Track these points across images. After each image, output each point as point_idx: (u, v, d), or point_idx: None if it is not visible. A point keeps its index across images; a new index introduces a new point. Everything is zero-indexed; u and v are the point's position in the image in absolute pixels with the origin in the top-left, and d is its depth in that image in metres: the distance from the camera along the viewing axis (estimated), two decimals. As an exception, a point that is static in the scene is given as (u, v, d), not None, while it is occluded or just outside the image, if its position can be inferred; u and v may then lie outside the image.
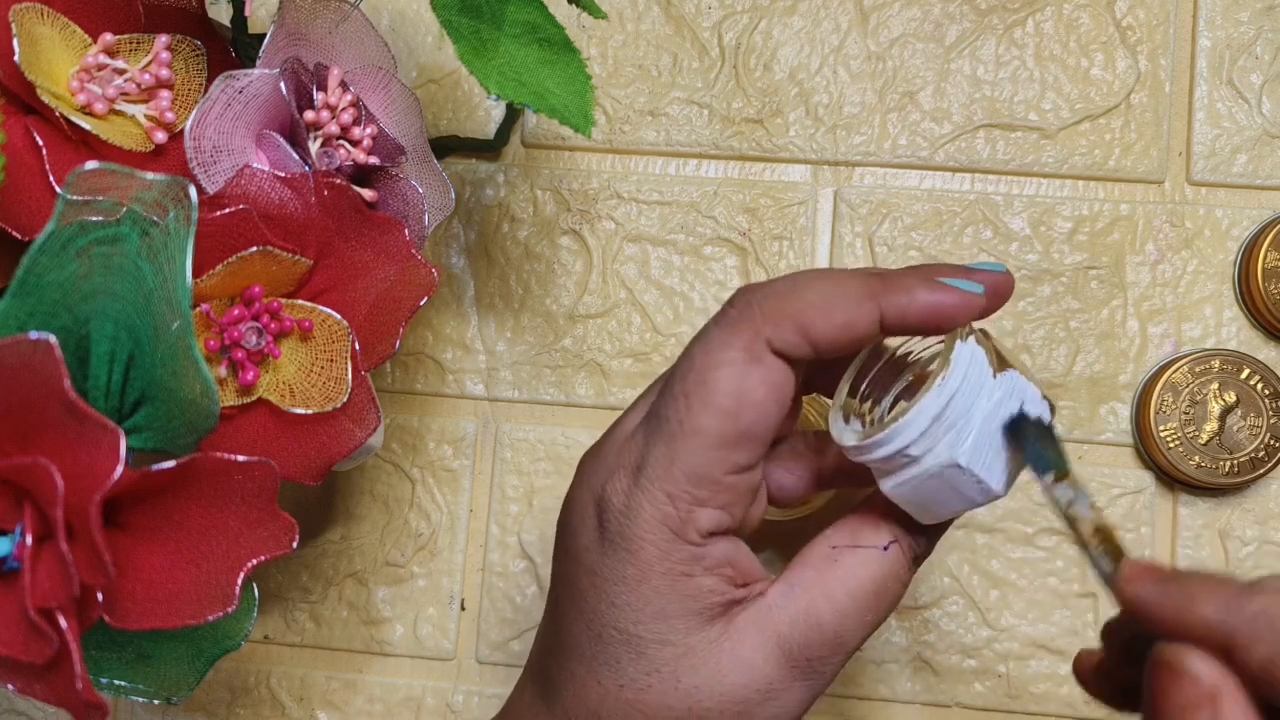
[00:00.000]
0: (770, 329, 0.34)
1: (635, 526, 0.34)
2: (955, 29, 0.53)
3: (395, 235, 0.39)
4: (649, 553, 0.34)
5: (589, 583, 0.35)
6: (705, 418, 0.33)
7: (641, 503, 0.34)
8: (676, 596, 0.34)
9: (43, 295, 0.32)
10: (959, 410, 0.33)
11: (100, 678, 0.35)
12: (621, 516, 0.34)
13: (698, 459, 0.34)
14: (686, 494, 0.34)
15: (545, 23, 0.40)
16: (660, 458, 0.34)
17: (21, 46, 0.36)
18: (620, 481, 0.35)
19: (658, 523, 0.34)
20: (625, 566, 0.34)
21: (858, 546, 0.35)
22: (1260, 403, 0.50)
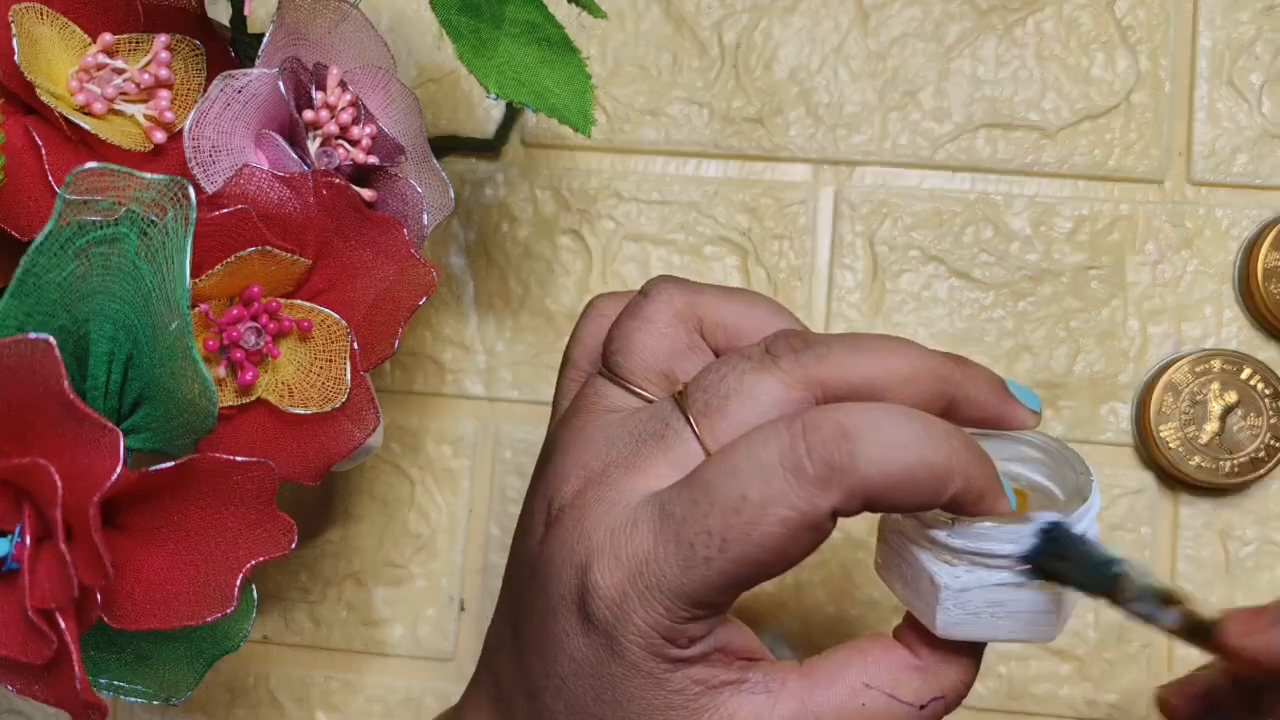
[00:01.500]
0: (842, 502, 0.30)
1: (624, 627, 0.31)
2: (956, 28, 0.53)
3: (394, 235, 0.39)
4: (634, 654, 0.31)
5: (567, 662, 0.33)
6: (736, 567, 0.30)
7: (635, 605, 0.31)
8: (663, 692, 0.31)
9: (41, 295, 0.32)
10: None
11: (99, 678, 0.35)
12: (611, 612, 0.31)
13: (711, 594, 0.31)
14: (686, 611, 0.31)
15: (545, 22, 0.40)
16: (670, 575, 0.31)
17: (21, 46, 0.36)
18: (613, 573, 0.31)
19: (649, 628, 0.31)
20: (608, 663, 0.32)
21: (894, 698, 0.32)
22: (1261, 403, 0.50)
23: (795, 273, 0.52)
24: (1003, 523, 0.32)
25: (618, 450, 0.33)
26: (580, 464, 0.33)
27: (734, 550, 0.30)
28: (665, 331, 0.35)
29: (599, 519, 0.32)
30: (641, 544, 0.31)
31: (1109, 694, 0.50)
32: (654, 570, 0.30)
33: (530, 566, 0.34)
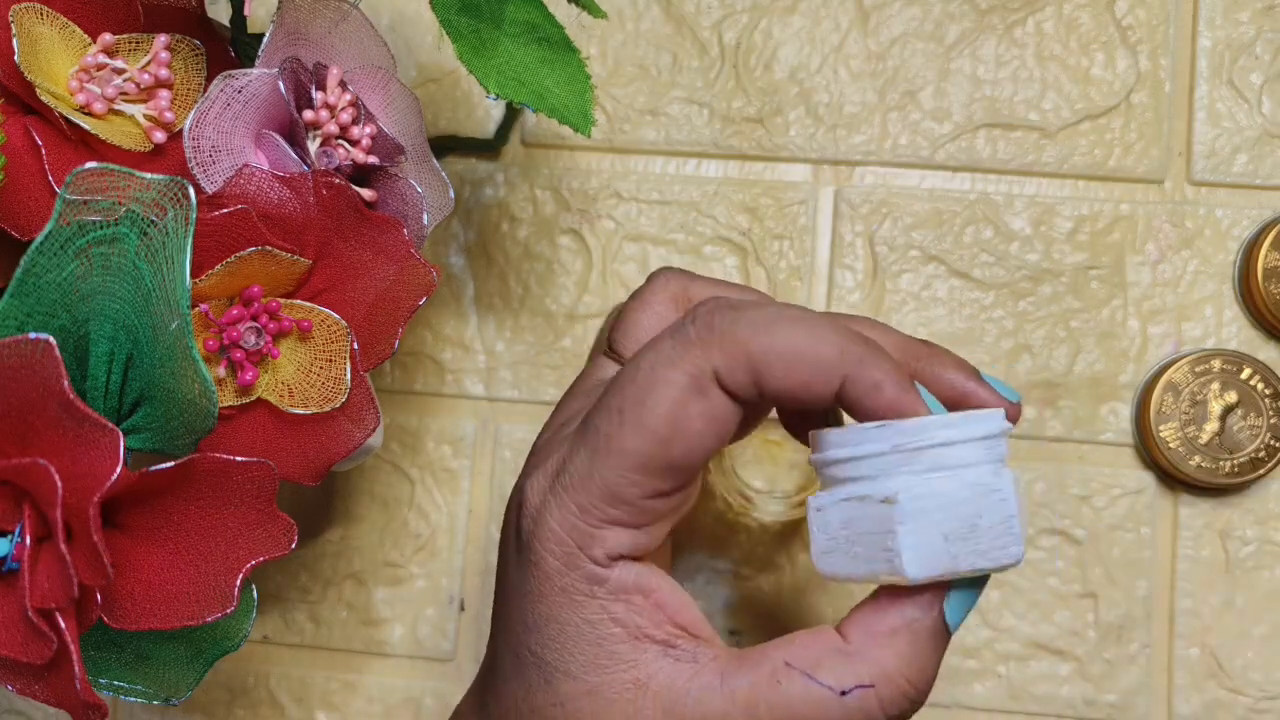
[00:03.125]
0: (723, 362, 0.31)
1: (540, 532, 0.32)
2: (956, 28, 0.53)
3: (394, 235, 0.39)
4: (549, 564, 0.32)
5: (504, 591, 0.33)
6: (634, 439, 0.31)
7: (551, 508, 0.32)
8: (576, 620, 0.32)
9: (41, 295, 0.32)
10: (950, 460, 0.30)
11: (99, 678, 0.35)
12: (531, 520, 0.32)
13: (617, 479, 0.31)
14: (598, 510, 0.31)
15: (545, 22, 0.40)
16: (580, 467, 0.32)
17: (21, 46, 0.36)
18: (539, 481, 0.33)
19: (563, 533, 0.32)
20: (528, 578, 0.32)
21: (812, 679, 0.31)
22: (1261, 403, 0.50)
23: (795, 273, 0.52)
24: (857, 428, 0.31)
25: (579, 404, 0.35)
26: (554, 424, 0.36)
27: (630, 419, 0.31)
28: (658, 310, 0.36)
29: (544, 453, 0.34)
30: (562, 450, 0.32)
31: (1109, 694, 0.50)
32: (569, 468, 0.32)
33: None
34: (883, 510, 0.30)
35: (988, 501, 0.29)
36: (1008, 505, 0.30)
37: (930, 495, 0.29)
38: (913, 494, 0.29)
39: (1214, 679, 0.50)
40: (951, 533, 0.29)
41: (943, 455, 0.30)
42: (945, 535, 0.29)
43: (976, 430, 0.30)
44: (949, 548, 0.29)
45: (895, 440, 0.30)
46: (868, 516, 0.30)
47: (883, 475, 0.30)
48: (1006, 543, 0.30)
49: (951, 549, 0.29)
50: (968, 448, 0.30)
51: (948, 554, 0.29)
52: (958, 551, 0.29)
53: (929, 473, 0.30)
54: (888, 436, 0.30)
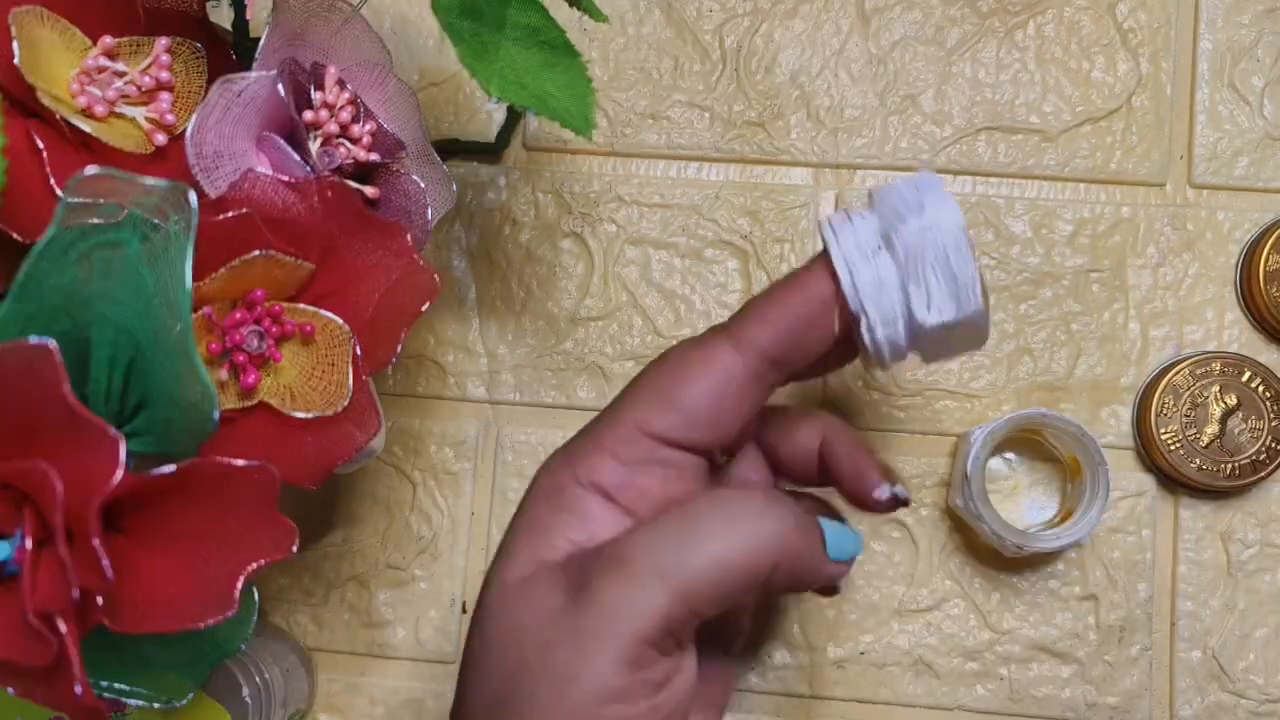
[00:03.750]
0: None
1: (540, 471, 0.37)
2: (956, 32, 0.53)
3: (398, 240, 0.39)
4: (538, 480, 0.36)
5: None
6: (646, 376, 0.36)
7: (557, 452, 0.37)
8: (537, 529, 0.35)
9: (43, 299, 0.32)
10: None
11: (100, 681, 0.35)
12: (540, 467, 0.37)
13: (621, 404, 0.36)
14: (594, 434, 0.36)
15: (546, 26, 0.40)
16: (591, 423, 0.36)
17: (22, 49, 0.36)
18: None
19: (560, 452, 0.36)
20: (519, 509, 0.36)
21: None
22: (1261, 405, 0.50)
23: (796, 276, 0.52)
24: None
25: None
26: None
27: (651, 368, 0.38)
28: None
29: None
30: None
31: (1110, 696, 0.50)
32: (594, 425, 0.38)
33: None
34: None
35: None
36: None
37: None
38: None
39: (1215, 682, 0.50)
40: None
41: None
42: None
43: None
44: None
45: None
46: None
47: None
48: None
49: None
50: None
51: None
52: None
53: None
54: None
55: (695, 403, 0.35)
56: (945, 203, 0.34)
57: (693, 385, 0.35)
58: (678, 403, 0.35)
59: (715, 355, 0.35)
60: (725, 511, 0.33)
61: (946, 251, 0.34)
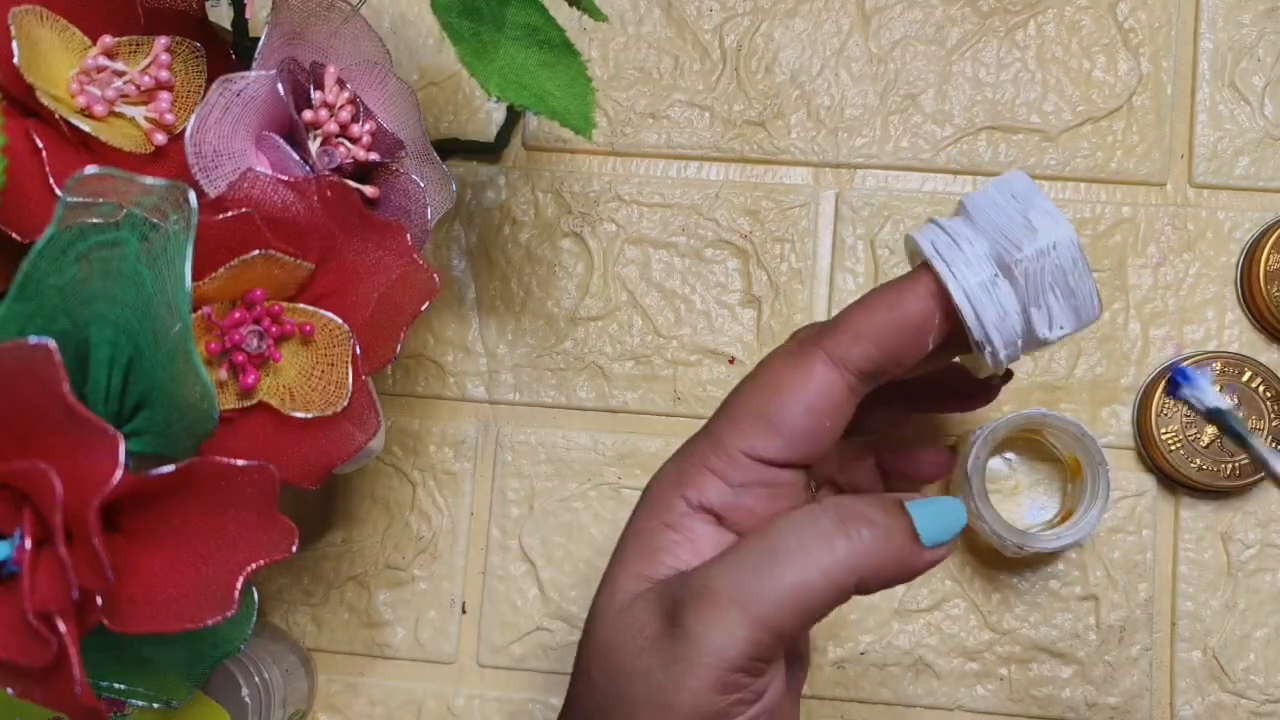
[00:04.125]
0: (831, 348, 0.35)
1: (651, 483, 0.37)
2: (957, 31, 0.53)
3: (397, 240, 0.39)
4: (650, 498, 0.36)
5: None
6: (742, 396, 0.36)
7: (666, 464, 0.37)
8: (646, 549, 0.36)
9: (42, 299, 0.32)
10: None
11: (99, 681, 0.35)
12: (652, 477, 0.37)
13: (721, 426, 0.36)
14: (699, 455, 0.35)
15: (546, 25, 0.40)
16: (697, 434, 0.36)
17: (21, 49, 0.36)
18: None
19: (668, 475, 0.36)
20: (633, 516, 0.37)
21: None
22: (1262, 405, 0.50)
23: (796, 275, 0.52)
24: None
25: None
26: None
27: (747, 384, 0.37)
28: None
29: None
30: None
31: (1110, 696, 0.50)
32: (690, 440, 0.38)
33: None
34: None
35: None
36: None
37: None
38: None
39: (1216, 682, 0.50)
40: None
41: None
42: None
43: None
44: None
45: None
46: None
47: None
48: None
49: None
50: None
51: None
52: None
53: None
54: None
55: (795, 423, 0.35)
56: (1056, 221, 0.34)
57: (792, 406, 0.35)
58: (779, 425, 0.35)
59: (812, 373, 0.35)
60: (798, 539, 0.34)
61: (1065, 271, 0.34)
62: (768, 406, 0.35)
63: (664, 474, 0.37)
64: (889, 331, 0.35)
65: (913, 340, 0.35)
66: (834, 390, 0.35)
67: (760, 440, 0.35)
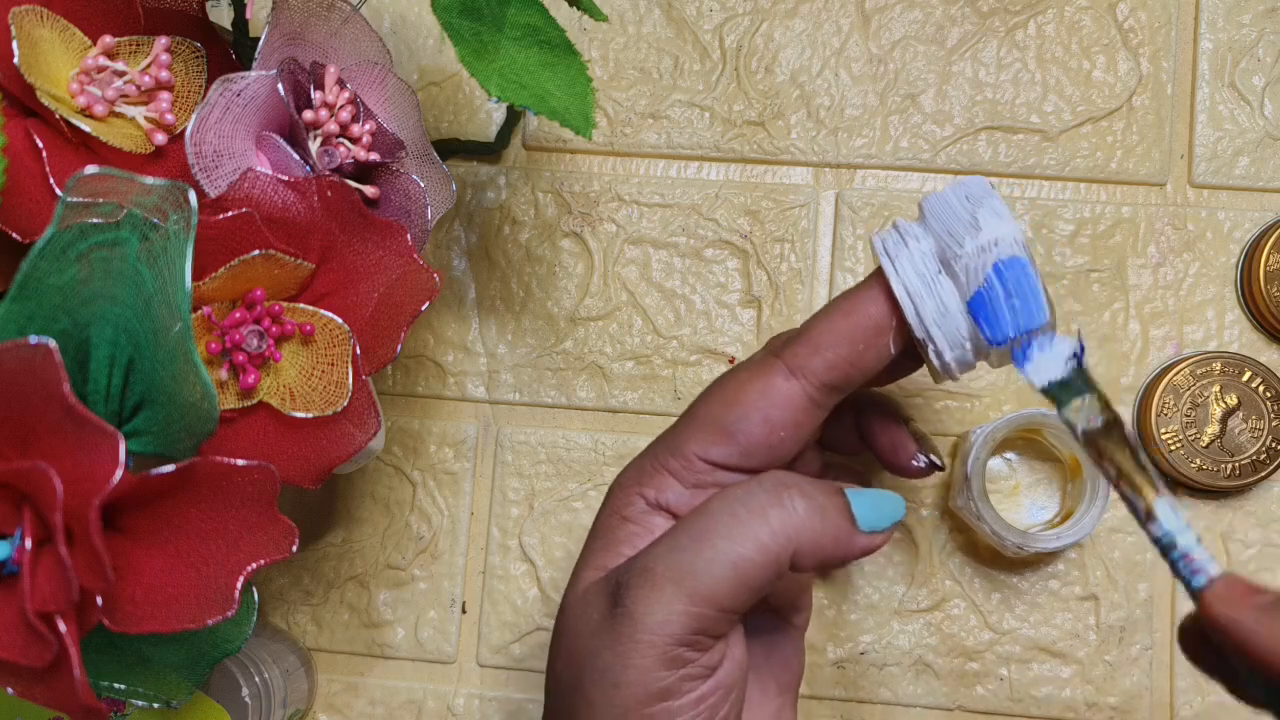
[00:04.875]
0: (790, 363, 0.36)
1: (615, 482, 0.38)
2: (957, 31, 0.53)
3: (398, 240, 0.39)
4: (612, 497, 0.38)
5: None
6: (707, 402, 0.37)
7: (630, 464, 0.38)
8: (607, 543, 0.37)
9: (43, 299, 0.32)
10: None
11: (100, 681, 0.35)
12: (615, 478, 0.39)
13: (680, 430, 0.37)
14: (659, 457, 0.37)
15: (546, 25, 0.40)
16: (661, 435, 0.38)
17: (21, 49, 0.36)
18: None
19: (629, 474, 0.38)
20: (597, 517, 0.38)
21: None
22: (1262, 405, 0.50)
23: (796, 275, 0.52)
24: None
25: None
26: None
27: (711, 389, 0.39)
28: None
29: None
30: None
31: (1110, 696, 0.50)
32: (654, 441, 0.39)
33: None
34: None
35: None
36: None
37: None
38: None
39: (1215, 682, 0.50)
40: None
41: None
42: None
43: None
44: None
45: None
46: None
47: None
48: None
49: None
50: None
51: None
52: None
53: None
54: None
55: (751, 431, 0.36)
56: (1001, 217, 0.34)
57: (749, 416, 0.36)
58: (734, 434, 0.36)
59: (771, 384, 0.36)
60: (731, 511, 0.34)
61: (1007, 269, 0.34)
62: (725, 415, 0.36)
63: (625, 473, 0.38)
64: (847, 337, 0.35)
65: (872, 345, 0.35)
66: (793, 402, 0.36)
67: (716, 447, 0.36)
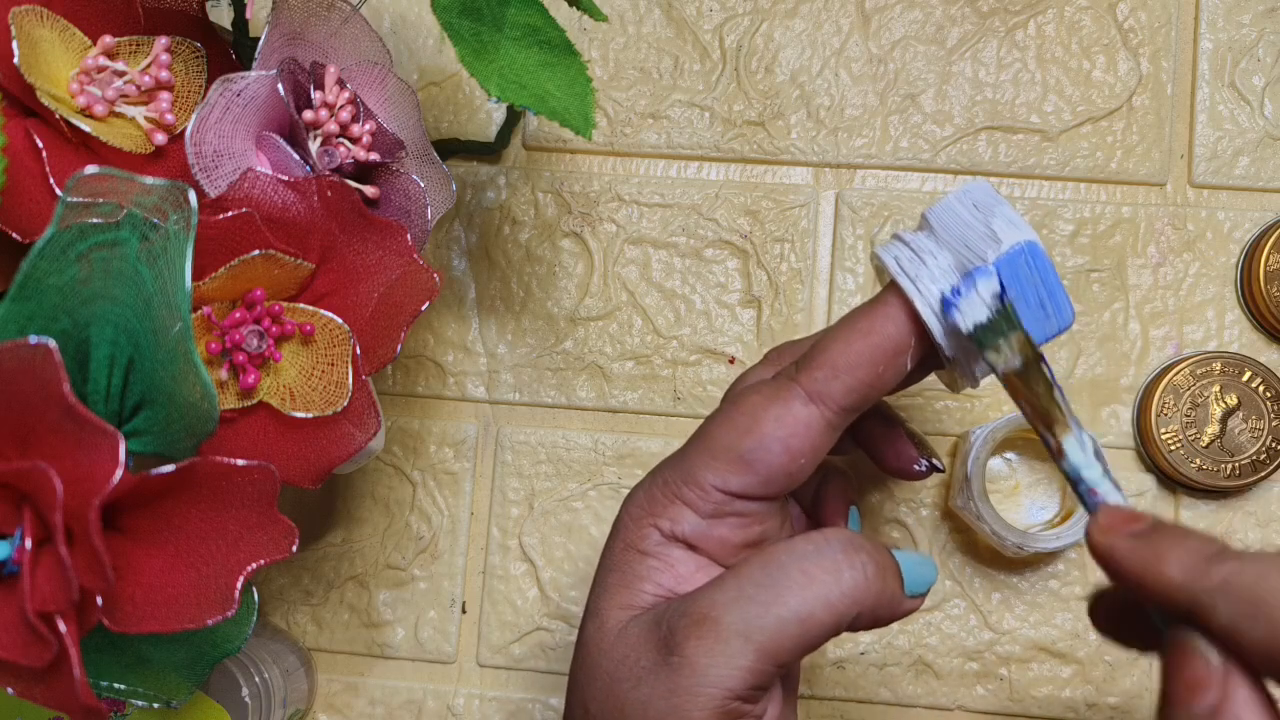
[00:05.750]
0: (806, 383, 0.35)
1: (626, 504, 0.37)
2: (957, 31, 0.53)
3: (398, 240, 0.39)
4: (624, 528, 0.36)
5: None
6: (719, 428, 0.35)
7: (640, 486, 0.37)
8: (627, 579, 0.36)
9: (43, 299, 0.32)
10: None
11: (99, 681, 0.35)
12: (626, 498, 0.37)
13: (695, 458, 0.35)
14: (673, 485, 0.36)
15: (546, 25, 0.40)
16: (673, 457, 0.36)
17: (21, 49, 0.36)
18: (646, 477, 0.37)
19: (642, 499, 0.36)
20: (609, 543, 0.37)
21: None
22: (1262, 405, 0.50)
23: (796, 275, 0.52)
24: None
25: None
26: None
27: (722, 414, 0.37)
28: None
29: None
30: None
31: (1110, 696, 0.50)
32: (666, 461, 0.38)
33: None
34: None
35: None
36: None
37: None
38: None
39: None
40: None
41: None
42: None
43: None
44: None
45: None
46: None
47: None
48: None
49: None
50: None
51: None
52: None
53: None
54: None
55: (772, 462, 0.35)
56: (1016, 225, 0.33)
57: (768, 446, 0.35)
58: (753, 463, 0.35)
59: (789, 410, 0.35)
60: (803, 566, 0.33)
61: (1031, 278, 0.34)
62: (742, 442, 0.35)
63: (635, 502, 0.37)
64: (867, 359, 0.35)
65: (891, 365, 0.35)
66: (812, 428, 0.35)
67: (735, 478, 0.35)
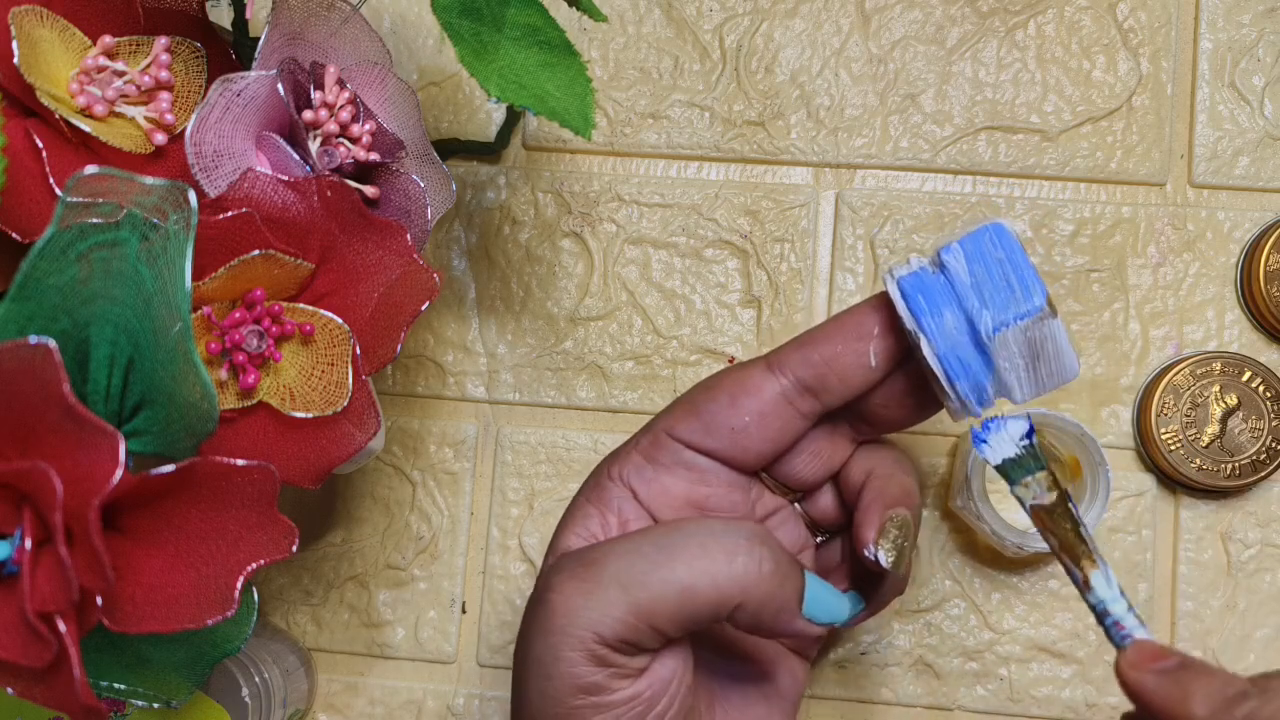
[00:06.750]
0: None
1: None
2: (957, 31, 0.53)
3: (398, 240, 0.39)
4: (586, 482, 0.40)
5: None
6: (688, 392, 0.39)
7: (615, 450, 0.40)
8: (571, 521, 0.39)
9: (42, 299, 0.32)
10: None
11: (99, 681, 0.35)
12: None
13: (661, 414, 0.39)
14: (636, 436, 0.39)
15: (546, 25, 0.40)
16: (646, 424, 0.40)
17: (21, 49, 0.36)
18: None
19: (612, 451, 0.40)
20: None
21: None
22: (1262, 405, 0.50)
23: (796, 275, 0.52)
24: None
25: None
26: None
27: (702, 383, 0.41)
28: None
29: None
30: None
31: (1110, 696, 0.50)
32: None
33: None
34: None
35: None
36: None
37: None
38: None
39: None
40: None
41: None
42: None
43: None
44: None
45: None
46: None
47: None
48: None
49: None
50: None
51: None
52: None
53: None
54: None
55: (718, 411, 0.37)
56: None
57: (718, 397, 0.37)
58: (702, 411, 0.37)
59: (748, 373, 0.37)
60: (702, 539, 0.34)
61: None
62: (699, 396, 0.38)
63: (606, 456, 0.40)
64: (824, 336, 0.37)
65: (850, 346, 0.36)
66: (763, 390, 0.37)
67: (681, 424, 0.37)
